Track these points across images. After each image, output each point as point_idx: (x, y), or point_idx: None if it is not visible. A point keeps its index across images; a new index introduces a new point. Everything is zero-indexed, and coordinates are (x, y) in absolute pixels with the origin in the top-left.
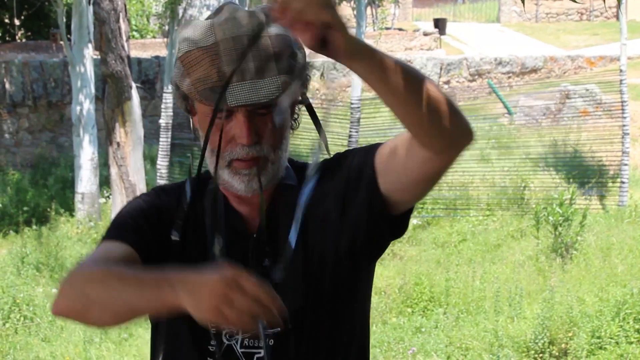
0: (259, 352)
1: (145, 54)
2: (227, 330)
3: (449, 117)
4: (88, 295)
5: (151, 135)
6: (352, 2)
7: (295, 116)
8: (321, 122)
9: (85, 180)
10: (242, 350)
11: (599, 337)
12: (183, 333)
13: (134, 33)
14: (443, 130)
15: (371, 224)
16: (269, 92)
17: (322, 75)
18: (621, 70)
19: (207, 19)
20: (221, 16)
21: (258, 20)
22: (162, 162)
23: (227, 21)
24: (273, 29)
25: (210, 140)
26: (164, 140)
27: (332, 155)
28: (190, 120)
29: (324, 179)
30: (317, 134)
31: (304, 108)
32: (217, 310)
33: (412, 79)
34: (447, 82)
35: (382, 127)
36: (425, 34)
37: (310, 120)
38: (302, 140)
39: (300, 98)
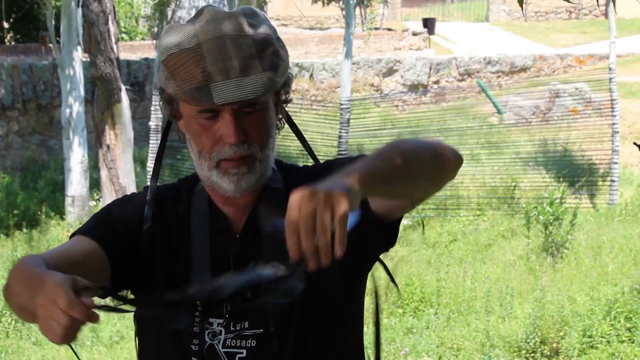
0: (241, 352)
1: (134, 56)
2: (210, 329)
3: (439, 159)
4: (7, 288)
5: (141, 137)
6: (341, 3)
7: (280, 116)
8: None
9: (76, 183)
10: (224, 350)
11: (590, 336)
12: (167, 332)
13: (123, 35)
14: (433, 186)
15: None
16: (254, 88)
17: (311, 76)
18: (610, 69)
19: (187, 22)
20: (202, 18)
21: (238, 21)
22: (152, 164)
23: (209, 23)
24: (254, 29)
25: (197, 142)
26: (154, 142)
27: (322, 162)
28: (176, 124)
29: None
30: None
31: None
32: (42, 321)
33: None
34: (437, 82)
35: (372, 127)
36: (414, 34)
37: (301, 122)
38: (292, 142)
39: (284, 97)
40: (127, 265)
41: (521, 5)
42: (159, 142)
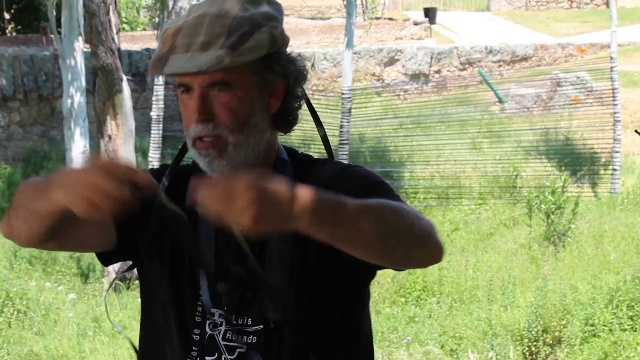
0: (242, 347)
1: (135, 47)
2: (211, 320)
3: (412, 248)
4: (13, 207)
5: (142, 127)
6: None
7: (297, 108)
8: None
9: None
10: (225, 342)
11: (592, 325)
12: (169, 321)
13: (124, 25)
14: (404, 260)
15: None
16: (200, 63)
17: (312, 65)
18: (612, 58)
19: None
20: None
21: (234, 2)
22: (153, 155)
23: (207, 3)
24: (243, 12)
25: (183, 118)
26: (156, 132)
27: (339, 162)
28: None
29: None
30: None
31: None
32: (85, 198)
33: (373, 223)
34: (438, 72)
35: (373, 117)
36: (416, 24)
37: (302, 111)
38: (292, 132)
39: (291, 88)
40: (132, 230)
41: None
42: (160, 132)
